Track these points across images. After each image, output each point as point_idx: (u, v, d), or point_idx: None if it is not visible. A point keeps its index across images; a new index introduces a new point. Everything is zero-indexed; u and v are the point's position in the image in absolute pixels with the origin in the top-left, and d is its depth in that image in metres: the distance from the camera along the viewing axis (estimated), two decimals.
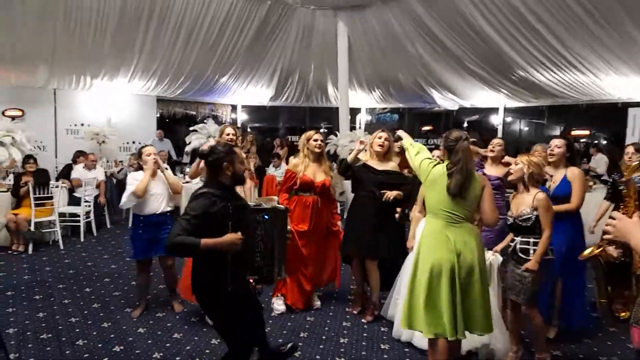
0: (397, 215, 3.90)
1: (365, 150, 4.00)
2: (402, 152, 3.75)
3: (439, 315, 2.56)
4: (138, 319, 3.89)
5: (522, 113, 13.16)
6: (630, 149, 3.99)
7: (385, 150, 3.89)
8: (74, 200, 6.82)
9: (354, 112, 12.68)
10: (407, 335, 3.44)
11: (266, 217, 2.44)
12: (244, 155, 2.85)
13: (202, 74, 10.41)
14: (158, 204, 3.89)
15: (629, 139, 8.24)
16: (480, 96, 11.25)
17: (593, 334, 3.68)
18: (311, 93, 12.44)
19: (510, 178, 3.07)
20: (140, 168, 3.99)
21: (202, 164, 4.21)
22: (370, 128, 12.75)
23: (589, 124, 11.19)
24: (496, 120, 12.44)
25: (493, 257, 3.20)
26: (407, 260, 3.61)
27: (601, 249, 1.67)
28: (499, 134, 11.82)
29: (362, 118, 13.53)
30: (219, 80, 10.98)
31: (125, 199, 3.84)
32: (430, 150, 11.29)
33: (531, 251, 2.92)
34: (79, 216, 6.53)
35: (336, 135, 9.69)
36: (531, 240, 2.94)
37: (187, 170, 8.40)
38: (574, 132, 11.26)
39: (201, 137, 7.86)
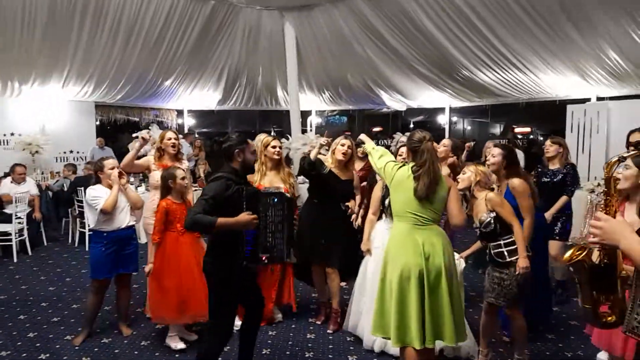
0: (357, 223, 3.80)
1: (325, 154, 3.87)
2: (365, 156, 3.72)
3: (407, 324, 2.46)
4: (80, 347, 3.51)
5: (466, 112, 13.58)
6: (547, 142, 4.22)
7: (347, 158, 3.76)
8: (4, 218, 6.20)
9: (305, 114, 12.55)
10: (380, 344, 3.31)
11: (275, 200, 2.60)
12: (256, 147, 2.98)
13: (144, 77, 9.89)
14: (123, 217, 3.59)
15: (567, 134, 8.59)
16: (427, 96, 11.45)
17: (555, 329, 3.73)
18: (260, 96, 12.18)
19: (459, 187, 3.02)
20: (98, 181, 3.63)
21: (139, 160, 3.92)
22: (320, 130, 12.68)
23: (530, 121, 11.69)
24: (443, 119, 12.74)
25: (457, 262, 3.14)
26: (362, 266, 3.51)
27: (585, 252, 1.59)
28: (446, 133, 12.10)
29: (313, 120, 13.43)
30: (163, 84, 10.49)
31: (95, 219, 3.51)
32: None
33: (505, 253, 2.89)
34: (10, 234, 5.94)
35: (287, 139, 9.51)
36: (501, 242, 2.91)
37: (132, 179, 7.94)
38: (517, 130, 11.71)
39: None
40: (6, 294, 4.72)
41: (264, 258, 2.59)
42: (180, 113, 12.46)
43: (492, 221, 2.89)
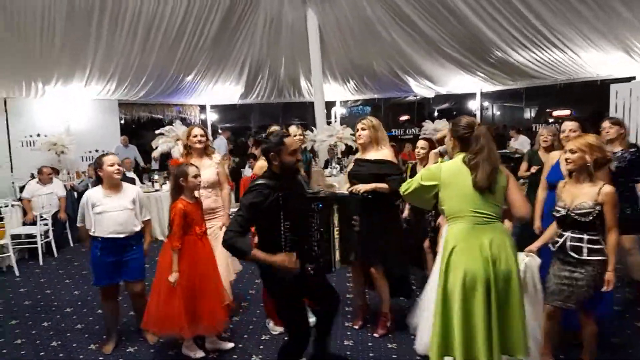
0: (404, 215, 3.42)
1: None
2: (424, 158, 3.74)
3: (474, 338, 2.11)
4: (105, 357, 3.32)
5: (496, 97, 12.96)
6: (606, 123, 3.71)
7: (366, 140, 3.32)
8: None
9: (329, 105, 12.23)
10: (424, 348, 3.00)
11: (320, 205, 2.38)
12: (297, 145, 2.63)
13: (165, 73, 9.76)
14: (120, 225, 3.25)
15: (611, 116, 8.03)
16: (457, 82, 10.96)
17: (619, 331, 3.32)
18: (283, 88, 11.92)
19: (568, 167, 2.60)
20: (99, 181, 3.35)
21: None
22: (345, 121, 12.34)
23: (568, 103, 11.03)
24: (473, 105, 12.20)
25: (529, 259, 2.74)
26: (432, 277, 3.07)
27: None
28: (478, 120, 11.57)
29: (338, 111, 13.09)
30: (184, 79, 10.35)
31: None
32: (408, 140, 10.68)
33: (585, 250, 2.50)
34: (35, 237, 5.85)
35: (312, 131, 9.21)
36: (585, 237, 2.51)
37: (156, 177, 7.80)
38: (555, 113, 11.10)
39: (169, 141, 7.24)
40: (31, 298, 4.59)
41: (309, 269, 2.39)
42: (203, 108, 12.35)
43: (594, 213, 2.48)
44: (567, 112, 11.07)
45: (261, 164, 3.42)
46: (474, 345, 2.11)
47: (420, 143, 4.06)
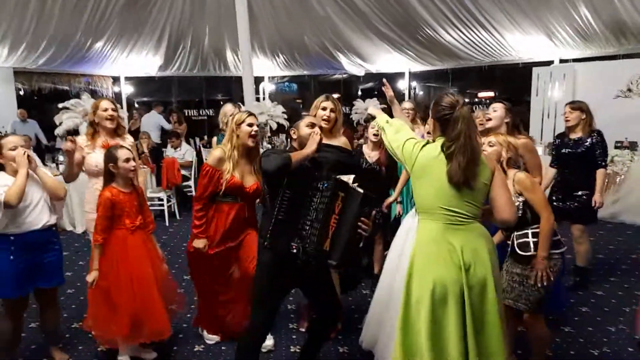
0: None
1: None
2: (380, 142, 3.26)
3: (446, 353, 1.85)
4: None
5: (422, 78, 13.10)
6: (567, 108, 3.76)
7: (331, 125, 2.91)
8: None
9: (257, 81, 11.59)
10: (369, 343, 2.76)
11: (325, 185, 2.20)
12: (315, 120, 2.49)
13: (69, 38, 8.56)
14: (37, 215, 2.66)
15: (533, 99, 8.36)
16: (387, 60, 10.88)
17: (569, 319, 3.32)
18: (207, 60, 11.09)
19: None
20: (0, 168, 2.68)
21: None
22: (272, 98, 11.85)
23: (491, 85, 11.38)
24: (402, 85, 12.23)
25: None
26: (384, 272, 2.78)
27: None
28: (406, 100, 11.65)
29: (266, 87, 12.50)
30: (93, 46, 9.18)
31: None
32: None
33: (532, 245, 2.36)
34: None
35: (240, 108, 8.63)
36: (529, 231, 2.39)
37: (61, 158, 6.89)
38: (480, 95, 11.42)
39: (75, 117, 6.35)
40: None
41: (294, 247, 2.17)
42: (116, 80, 11.16)
43: (520, 206, 2.36)
44: (491, 93, 11.45)
45: (218, 155, 2.81)
46: None
47: (373, 129, 3.65)
